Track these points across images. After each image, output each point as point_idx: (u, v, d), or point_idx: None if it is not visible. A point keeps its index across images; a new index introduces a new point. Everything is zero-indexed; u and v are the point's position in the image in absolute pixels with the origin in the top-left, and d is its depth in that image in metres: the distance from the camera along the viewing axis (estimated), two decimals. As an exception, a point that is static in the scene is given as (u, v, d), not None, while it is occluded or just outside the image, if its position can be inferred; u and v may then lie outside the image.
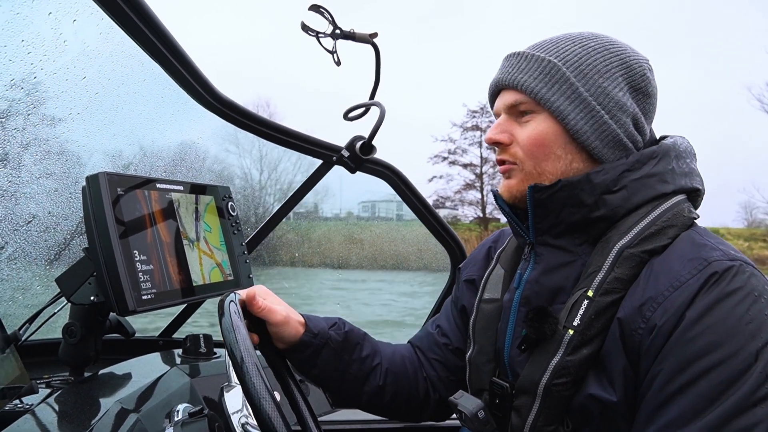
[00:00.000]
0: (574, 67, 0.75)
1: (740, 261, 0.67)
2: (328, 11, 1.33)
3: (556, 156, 0.77)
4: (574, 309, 0.71)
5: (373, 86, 1.47)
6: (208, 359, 1.27)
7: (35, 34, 1.22)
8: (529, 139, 0.77)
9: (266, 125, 1.52)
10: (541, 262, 0.78)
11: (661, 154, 0.76)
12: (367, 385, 0.91)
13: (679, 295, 0.65)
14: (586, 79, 0.75)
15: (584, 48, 0.76)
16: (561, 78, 0.75)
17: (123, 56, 1.33)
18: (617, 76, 0.76)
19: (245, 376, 0.61)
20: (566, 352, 0.70)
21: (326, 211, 8.29)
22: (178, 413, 0.80)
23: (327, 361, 0.87)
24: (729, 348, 0.61)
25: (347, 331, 0.90)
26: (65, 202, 1.52)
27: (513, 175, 0.80)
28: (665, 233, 0.71)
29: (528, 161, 0.78)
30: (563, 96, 0.75)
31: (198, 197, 1.25)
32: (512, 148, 0.80)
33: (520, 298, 0.80)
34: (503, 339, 0.82)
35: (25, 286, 1.52)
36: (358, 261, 6.98)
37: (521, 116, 0.79)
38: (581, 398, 0.70)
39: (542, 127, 0.77)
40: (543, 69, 0.76)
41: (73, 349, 1.14)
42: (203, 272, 1.21)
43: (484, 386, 0.84)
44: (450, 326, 0.98)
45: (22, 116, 1.30)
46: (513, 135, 0.79)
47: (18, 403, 1.02)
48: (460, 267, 1.03)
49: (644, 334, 0.66)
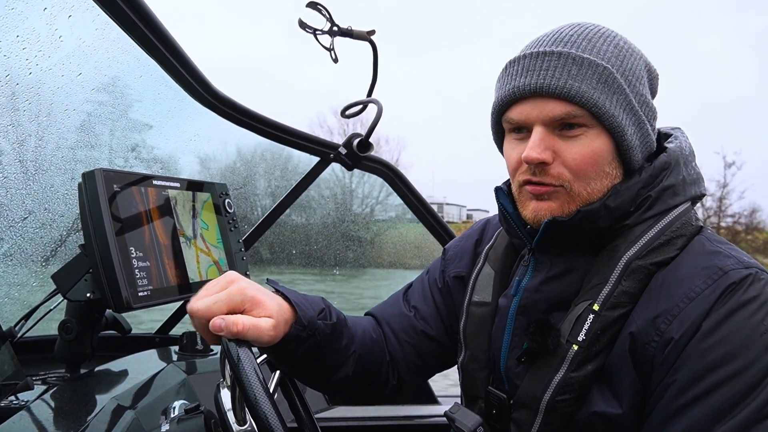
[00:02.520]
0: (621, 71, 0.67)
1: (756, 269, 0.65)
2: (326, 8, 1.33)
3: (605, 174, 0.69)
4: (578, 323, 0.68)
5: (371, 83, 1.47)
6: (204, 356, 1.27)
7: (30, 30, 1.21)
8: (583, 157, 0.67)
9: (263, 122, 1.52)
10: (541, 270, 0.74)
11: (673, 164, 0.71)
12: (337, 375, 0.82)
13: (695, 306, 0.63)
14: (632, 87, 0.68)
15: (618, 48, 0.69)
16: (618, 87, 0.67)
17: (119, 52, 1.33)
18: (644, 80, 0.71)
19: (241, 374, 0.61)
20: (570, 369, 0.67)
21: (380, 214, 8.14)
22: (174, 410, 0.80)
23: (306, 353, 0.76)
24: (742, 360, 0.60)
25: (334, 321, 0.79)
26: (61, 199, 1.52)
27: (554, 197, 0.70)
28: (674, 244, 0.69)
29: (577, 183, 0.68)
30: (621, 108, 0.67)
31: (195, 194, 1.25)
32: (555, 168, 0.69)
33: (518, 307, 0.75)
34: (498, 347, 0.78)
35: (21, 283, 1.52)
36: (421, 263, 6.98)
37: (566, 129, 0.68)
38: (585, 414, 0.68)
39: (597, 143, 0.67)
40: (600, 76, 0.66)
41: (69, 345, 1.14)
42: (200, 270, 1.21)
43: (479, 394, 0.80)
44: (430, 311, 0.91)
45: (17, 112, 1.30)
46: (556, 153, 0.69)
47: (14, 400, 1.02)
48: (447, 251, 0.95)
49: (658, 348, 0.64)
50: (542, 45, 0.70)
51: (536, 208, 0.71)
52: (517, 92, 0.69)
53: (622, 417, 0.65)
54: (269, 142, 1.56)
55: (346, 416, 1.40)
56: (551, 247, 0.73)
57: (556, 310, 0.72)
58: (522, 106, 0.70)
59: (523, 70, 0.69)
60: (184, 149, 1.86)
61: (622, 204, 0.69)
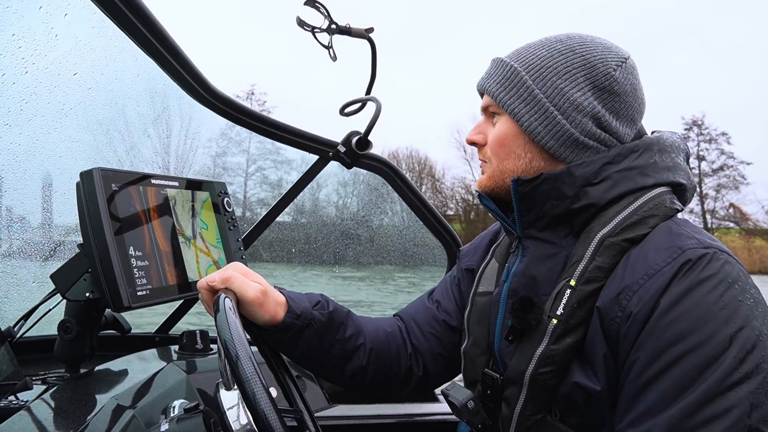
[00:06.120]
0: (534, 70, 0.79)
1: (714, 249, 0.68)
2: (324, 6, 1.32)
3: (517, 155, 0.81)
4: (557, 299, 0.73)
5: (369, 81, 1.47)
6: (204, 355, 1.27)
7: (26, 29, 1.21)
8: (494, 139, 0.83)
9: (261, 120, 1.51)
10: (527, 254, 0.80)
11: (643, 147, 0.77)
12: (349, 365, 0.91)
13: (653, 282, 0.66)
14: (544, 82, 0.79)
15: (549, 51, 0.80)
16: (519, 82, 0.80)
17: (116, 51, 1.32)
18: (578, 77, 0.77)
19: (239, 373, 0.60)
20: (550, 341, 0.72)
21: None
22: (173, 409, 0.80)
23: (309, 343, 0.85)
24: (702, 334, 0.62)
25: (331, 311, 0.88)
26: (59, 198, 1.51)
27: (484, 171, 0.87)
28: (646, 223, 0.73)
29: (494, 159, 0.84)
30: (518, 99, 0.80)
31: (194, 193, 1.25)
32: (485, 147, 0.86)
33: (508, 291, 0.82)
34: (494, 331, 0.84)
35: (20, 283, 1.51)
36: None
37: (492, 118, 0.85)
38: (567, 387, 0.71)
39: (504, 128, 0.82)
40: (505, 74, 0.82)
41: (68, 345, 1.14)
42: (200, 270, 1.21)
43: (478, 378, 0.85)
44: (451, 305, 0.99)
45: (13, 112, 1.29)
46: (486, 136, 0.86)
47: (13, 400, 1.02)
48: (461, 250, 1.05)
49: (621, 323, 0.67)
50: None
51: (478, 181, 0.88)
52: (477, 87, 0.88)
53: (600, 393, 0.69)
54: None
55: (347, 415, 1.39)
56: (535, 230, 0.80)
57: (542, 291, 0.77)
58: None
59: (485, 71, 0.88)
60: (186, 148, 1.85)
61: (585, 174, 0.76)
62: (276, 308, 0.82)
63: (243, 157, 5.89)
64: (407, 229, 2.72)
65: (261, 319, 0.81)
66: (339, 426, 1.35)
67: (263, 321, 0.81)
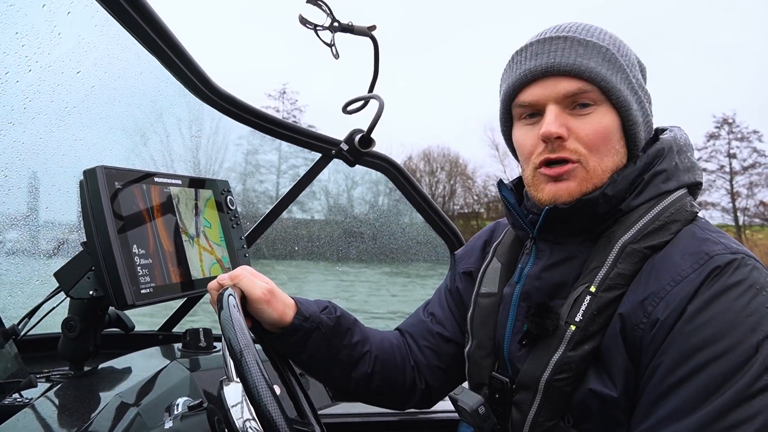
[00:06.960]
0: (621, 54, 0.71)
1: (742, 254, 0.67)
2: (326, 4, 1.32)
3: (615, 150, 0.72)
4: (576, 305, 0.71)
5: (372, 79, 1.47)
6: (207, 353, 1.27)
7: (29, 27, 1.21)
8: (596, 132, 0.70)
9: (264, 119, 1.51)
10: (542, 257, 0.78)
11: (666, 150, 0.75)
12: (355, 372, 0.89)
13: (681, 289, 0.65)
14: (631, 68, 0.72)
15: (613, 38, 0.73)
16: (620, 67, 0.70)
17: (119, 49, 1.32)
18: (638, 69, 0.76)
19: (244, 370, 0.60)
20: (568, 348, 0.70)
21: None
22: (177, 407, 0.80)
23: (317, 347, 0.84)
24: (729, 340, 0.61)
25: (339, 315, 0.87)
26: (63, 196, 1.51)
27: (572, 176, 0.72)
28: (668, 229, 0.71)
29: (592, 158, 0.71)
30: (625, 85, 0.71)
31: (197, 192, 1.25)
32: (571, 143, 0.71)
33: (521, 293, 0.79)
34: (503, 333, 0.81)
35: (24, 281, 1.52)
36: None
37: (578, 108, 0.71)
38: (582, 394, 0.70)
39: (607, 119, 0.71)
40: (604, 55, 0.70)
41: (72, 343, 1.14)
42: (203, 268, 1.21)
43: (484, 381, 0.83)
44: (444, 314, 0.97)
45: (17, 110, 1.29)
46: (570, 130, 0.71)
47: (17, 398, 1.02)
48: (456, 254, 1.01)
49: (646, 329, 0.66)
50: (546, 34, 0.75)
51: (554, 190, 0.73)
52: (528, 74, 0.72)
53: (616, 400, 0.67)
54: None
55: (349, 412, 1.40)
56: (552, 235, 0.77)
57: (557, 296, 0.75)
58: (533, 89, 0.73)
59: (531, 55, 0.73)
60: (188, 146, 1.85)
61: (619, 192, 0.72)
62: (284, 309, 0.81)
63: (275, 155, 5.89)
64: (410, 226, 2.73)
65: (269, 318, 0.80)
66: (342, 423, 1.35)
67: (271, 320, 0.81)
